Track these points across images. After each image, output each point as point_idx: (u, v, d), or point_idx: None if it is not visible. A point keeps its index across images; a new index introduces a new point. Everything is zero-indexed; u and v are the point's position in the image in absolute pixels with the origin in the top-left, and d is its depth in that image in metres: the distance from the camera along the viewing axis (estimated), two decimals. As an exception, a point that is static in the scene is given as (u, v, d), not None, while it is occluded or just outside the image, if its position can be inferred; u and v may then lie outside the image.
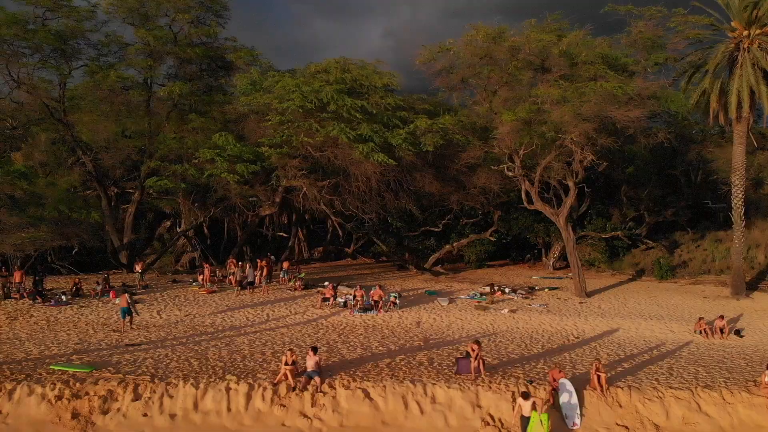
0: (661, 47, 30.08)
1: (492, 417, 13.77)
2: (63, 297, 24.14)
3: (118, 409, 13.31)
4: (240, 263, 27.54)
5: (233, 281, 27.03)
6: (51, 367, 15.12)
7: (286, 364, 14.43)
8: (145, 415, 13.30)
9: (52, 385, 13.67)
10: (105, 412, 13.24)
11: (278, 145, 26.65)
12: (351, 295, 24.50)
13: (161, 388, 13.82)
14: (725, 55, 27.64)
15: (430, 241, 40.18)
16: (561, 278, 34.73)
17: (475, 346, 15.09)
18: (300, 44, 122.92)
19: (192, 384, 13.97)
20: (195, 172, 27.12)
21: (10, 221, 21.64)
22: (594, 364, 14.67)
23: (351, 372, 15.07)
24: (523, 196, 28.62)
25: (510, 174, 28.07)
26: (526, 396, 12.86)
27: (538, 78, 26.69)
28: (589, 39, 28.16)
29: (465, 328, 21.50)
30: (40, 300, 23.84)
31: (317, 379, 14.21)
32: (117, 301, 24.23)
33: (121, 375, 14.33)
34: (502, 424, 13.61)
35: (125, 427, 13.01)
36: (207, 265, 29.10)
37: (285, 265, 30.05)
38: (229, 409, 13.53)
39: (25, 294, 24.16)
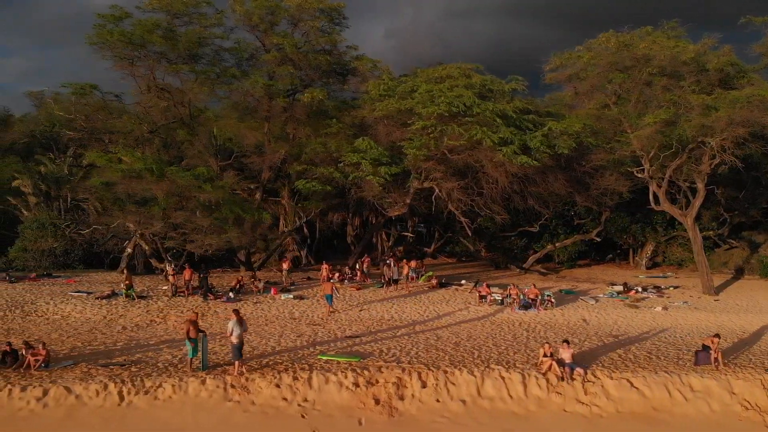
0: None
1: (749, 402, 14.76)
2: (231, 294, 25.14)
3: (413, 395, 14.28)
4: (389, 261, 28.51)
5: (385, 278, 28.02)
6: (319, 356, 16.11)
7: (545, 356, 15.42)
8: (438, 401, 14.27)
9: (343, 374, 14.65)
10: (401, 398, 14.21)
11: (419, 148, 27.63)
12: (507, 293, 25.43)
13: (442, 376, 14.80)
14: None
15: (522, 241, 41.14)
16: (666, 276, 35.74)
17: (716, 339, 16.08)
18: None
19: (468, 372, 14.96)
20: (339, 175, 28.08)
21: (203, 223, 22.57)
22: None
23: (599, 363, 16.08)
24: (651, 197, 29.61)
25: (639, 176, 29.07)
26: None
27: (672, 84, 27.64)
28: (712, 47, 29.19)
29: (633, 325, 22.30)
30: (211, 297, 24.87)
31: (580, 369, 15.20)
32: (283, 297, 25.48)
33: (403, 364, 15.33)
34: (760, 409, 14.60)
35: (424, 412, 13.96)
36: (326, 266, 29.81)
37: (413, 264, 30.96)
38: (510, 396, 14.50)
39: (190, 291, 25.21)
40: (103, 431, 12.85)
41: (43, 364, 14.98)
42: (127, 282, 24.94)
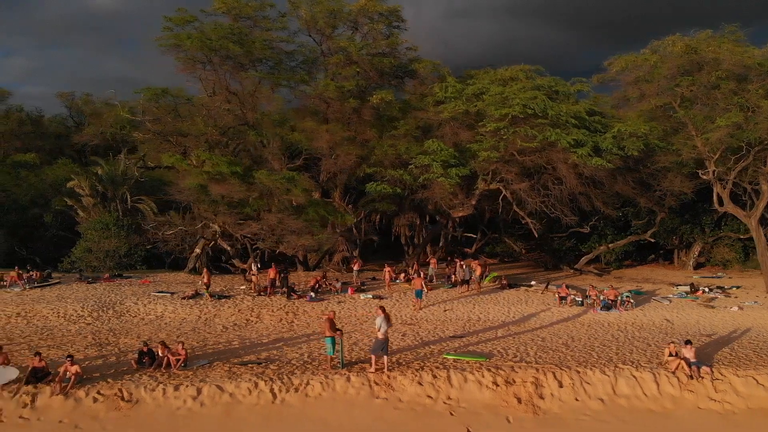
0: None
1: None
2: (312, 294, 25.50)
3: (552, 394, 14.64)
4: (460, 263, 28.85)
5: (456, 279, 28.36)
6: (444, 356, 16.47)
7: (670, 355, 15.80)
8: (577, 399, 14.63)
9: (479, 373, 15.01)
10: (541, 397, 14.57)
11: (491, 149, 27.98)
12: (587, 294, 25.78)
13: (576, 375, 15.16)
14: None
15: (571, 241, 41.50)
16: (719, 277, 36.12)
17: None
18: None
19: (600, 371, 15.33)
20: (409, 177, 28.40)
21: (296, 225, 22.93)
22: None
23: (718, 362, 16.46)
24: (714, 198, 29.99)
25: (704, 177, 29.44)
26: None
27: (739, 87, 27.98)
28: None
29: (716, 324, 22.61)
30: (295, 296, 25.22)
31: (706, 367, 15.57)
32: (363, 297, 25.83)
33: (534, 365, 15.70)
34: None
35: (566, 410, 14.32)
36: (389, 268, 30.04)
37: (473, 265, 31.28)
38: (645, 394, 14.87)
39: (273, 290, 25.57)
40: (262, 429, 13.17)
41: (182, 364, 15.33)
42: (206, 281, 25.32)
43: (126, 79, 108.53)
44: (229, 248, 28.25)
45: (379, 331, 15.20)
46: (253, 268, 26.08)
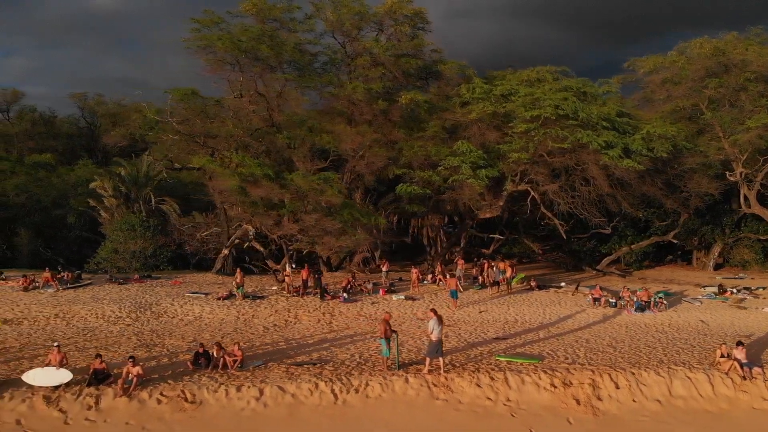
0: None
1: None
2: (345, 295, 25.59)
3: (609, 396, 14.73)
4: (490, 264, 28.95)
5: (483, 280, 28.47)
6: (496, 358, 16.57)
7: (722, 356, 15.90)
8: (634, 401, 14.71)
9: (536, 375, 15.11)
10: (599, 399, 14.66)
11: (520, 150, 28.08)
12: (620, 296, 25.86)
13: (632, 377, 15.25)
14: None
15: (591, 242, 41.58)
16: (741, 278, 36.19)
17: None
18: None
19: (655, 373, 15.42)
20: (438, 179, 28.48)
21: (334, 226, 23.05)
22: None
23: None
24: (741, 199, 30.11)
25: (732, 179, 29.55)
26: None
27: (767, 89, 28.13)
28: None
29: (751, 325, 22.51)
30: (328, 297, 25.31)
31: (758, 368, 15.67)
32: (395, 298, 25.94)
33: (588, 366, 15.80)
34: None
35: (624, 411, 14.39)
36: (416, 270, 30.04)
37: (501, 266, 31.39)
38: (700, 395, 14.96)
39: (306, 291, 25.67)
40: (327, 430, 13.25)
41: (239, 365, 15.41)
42: (239, 282, 25.41)
43: (126, 79, 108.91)
44: (262, 249, 28.32)
45: (432, 333, 15.29)
46: (288, 268, 26.17)
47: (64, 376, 14.22)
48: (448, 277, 26.19)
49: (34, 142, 61.77)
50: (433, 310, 15.92)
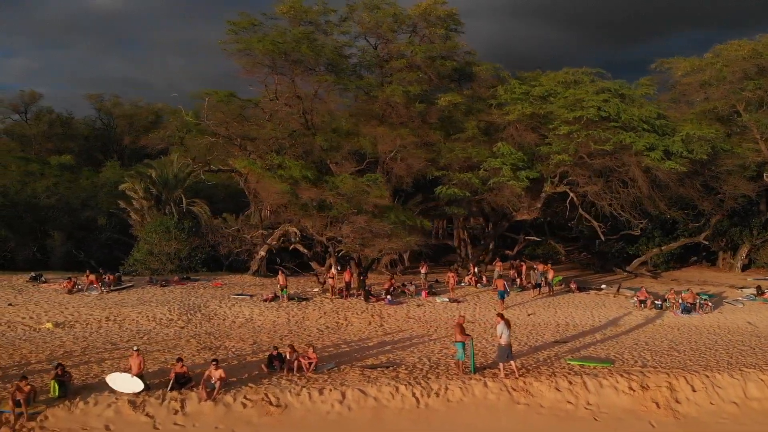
0: None
1: None
2: (389, 297, 25.64)
3: (687, 399, 14.78)
4: (532, 266, 29.00)
5: (521, 282, 28.54)
6: (568, 361, 16.61)
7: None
8: (711, 403, 14.76)
9: (613, 378, 15.15)
10: (677, 401, 14.70)
11: (562, 152, 28.08)
12: (665, 297, 25.90)
13: (706, 379, 15.30)
14: None
15: (619, 244, 41.62)
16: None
17: None
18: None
19: (729, 375, 15.48)
20: (478, 181, 28.47)
21: (385, 228, 23.09)
22: None
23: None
24: (774, 201, 30.17)
25: (768, 180, 29.62)
26: None
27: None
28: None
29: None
30: (373, 299, 25.35)
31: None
32: (438, 300, 26.03)
33: (663, 369, 15.87)
34: None
35: (703, 414, 14.44)
36: (452, 274, 29.88)
37: (541, 267, 31.42)
38: (775, 398, 15.04)
39: (349, 293, 25.72)
40: (412, 433, 13.31)
41: (314, 368, 15.45)
42: (282, 284, 25.46)
43: (126, 79, 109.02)
44: (306, 251, 28.35)
45: (501, 338, 15.31)
46: (332, 270, 26.22)
47: (137, 385, 14.10)
48: (489, 278, 26.21)
49: (52, 143, 61.93)
50: (500, 315, 15.98)
